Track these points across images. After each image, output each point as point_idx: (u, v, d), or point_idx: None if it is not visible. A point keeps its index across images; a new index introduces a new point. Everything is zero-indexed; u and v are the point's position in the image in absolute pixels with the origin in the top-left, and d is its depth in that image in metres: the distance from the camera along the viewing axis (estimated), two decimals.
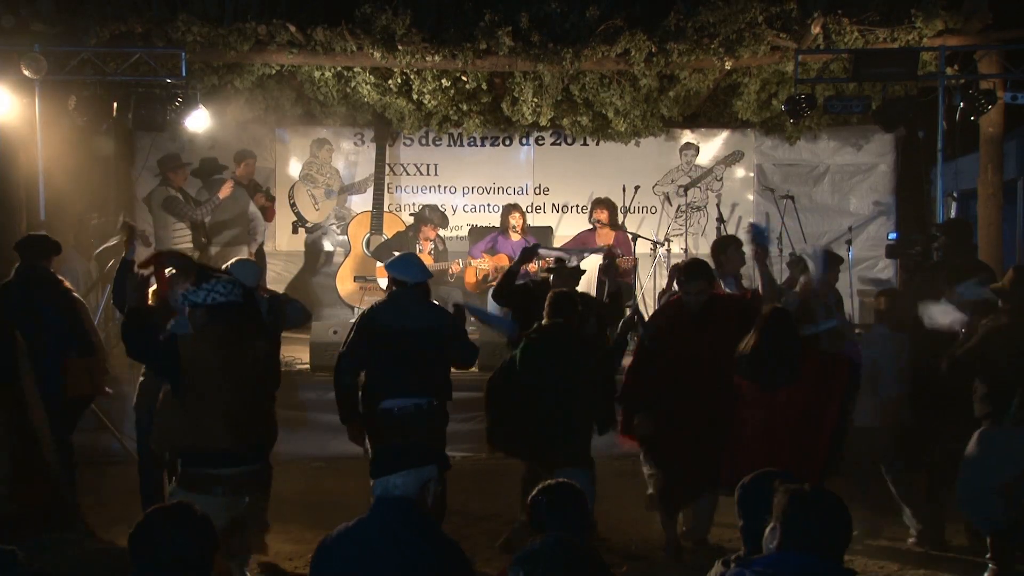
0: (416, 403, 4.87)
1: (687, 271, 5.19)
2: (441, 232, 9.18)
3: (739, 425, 4.82)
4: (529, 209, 9.62)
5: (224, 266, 5.14)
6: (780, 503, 2.65)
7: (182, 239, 8.73)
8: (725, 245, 5.97)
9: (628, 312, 5.40)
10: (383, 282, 8.79)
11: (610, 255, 6.30)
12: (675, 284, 5.58)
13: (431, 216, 8.76)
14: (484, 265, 8.65)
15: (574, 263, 5.95)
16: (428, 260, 8.39)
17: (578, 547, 2.52)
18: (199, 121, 8.09)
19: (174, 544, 2.60)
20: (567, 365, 5.00)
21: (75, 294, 5.85)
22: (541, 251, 6.06)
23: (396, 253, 8.58)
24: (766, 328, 4.68)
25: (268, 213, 9.15)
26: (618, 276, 6.13)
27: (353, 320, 5.40)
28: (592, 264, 7.46)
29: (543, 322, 5.15)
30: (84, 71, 7.76)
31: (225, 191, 8.62)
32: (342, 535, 2.97)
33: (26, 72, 7.32)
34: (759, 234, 5.48)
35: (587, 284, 7.10)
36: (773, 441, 4.69)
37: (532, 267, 8.13)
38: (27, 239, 5.85)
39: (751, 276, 6.21)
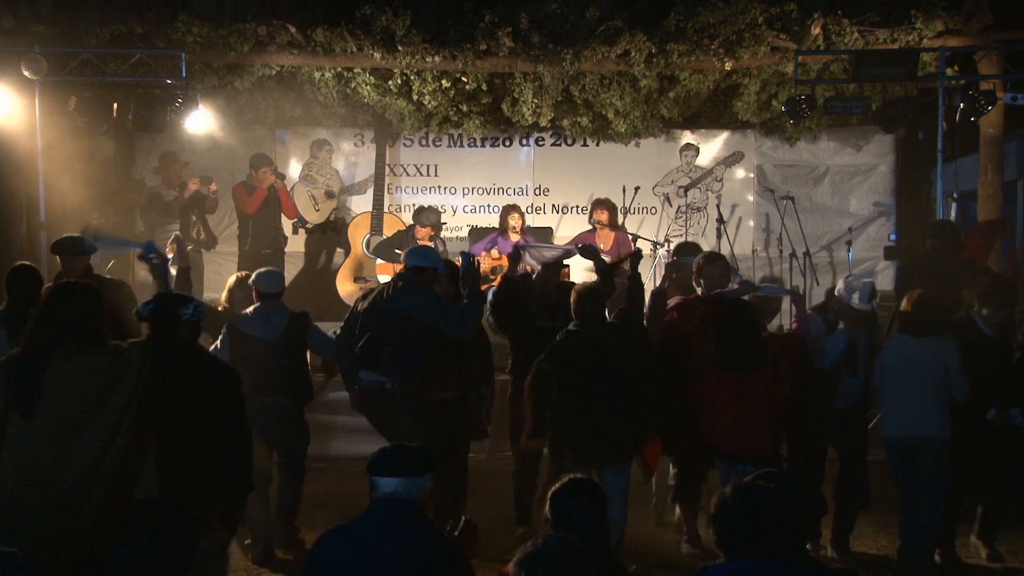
0: (378, 381, 5.09)
1: (709, 256, 5.51)
2: (440, 233, 9.16)
3: (713, 407, 4.97)
4: (529, 210, 9.61)
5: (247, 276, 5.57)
6: (713, 511, 2.67)
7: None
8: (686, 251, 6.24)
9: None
10: (383, 280, 8.78)
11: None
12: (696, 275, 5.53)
13: (421, 219, 8.72)
14: (483, 263, 8.65)
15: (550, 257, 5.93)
16: None
17: (580, 547, 2.51)
18: (199, 122, 8.09)
19: (146, 543, 2.47)
20: (606, 362, 4.92)
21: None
22: (528, 253, 6.04)
23: (397, 251, 8.63)
24: (720, 322, 4.91)
25: (289, 209, 9.13)
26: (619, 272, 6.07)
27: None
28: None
29: (573, 324, 5.04)
30: (84, 72, 7.76)
31: (191, 187, 8.71)
32: (338, 534, 2.96)
33: (26, 73, 7.32)
34: None
35: (581, 277, 7.08)
36: (743, 422, 4.89)
37: (529, 266, 8.13)
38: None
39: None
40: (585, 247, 5.89)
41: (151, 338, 3.73)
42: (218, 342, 5.41)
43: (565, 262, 6.23)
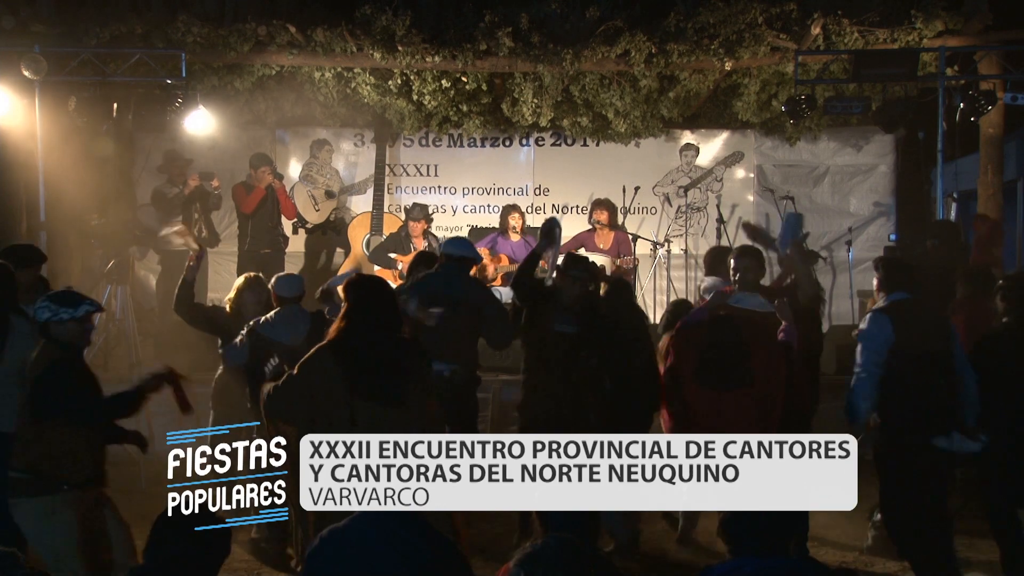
0: (439, 368, 5.01)
1: (741, 250, 5.35)
2: (430, 228, 9.13)
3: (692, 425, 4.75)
4: (529, 210, 9.61)
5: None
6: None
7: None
8: (725, 254, 6.11)
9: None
10: None
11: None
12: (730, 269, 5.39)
13: (413, 214, 8.70)
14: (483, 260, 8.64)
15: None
16: None
17: (580, 548, 2.51)
18: (199, 122, 8.09)
19: (182, 541, 2.56)
20: (636, 351, 5.23)
21: None
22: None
23: (391, 255, 8.63)
24: (709, 337, 4.78)
25: (287, 209, 9.12)
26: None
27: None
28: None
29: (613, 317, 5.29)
30: (84, 72, 7.77)
31: (191, 183, 8.71)
32: (333, 536, 2.95)
33: (26, 73, 7.33)
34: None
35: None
36: None
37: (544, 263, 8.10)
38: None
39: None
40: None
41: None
42: (236, 341, 5.23)
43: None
